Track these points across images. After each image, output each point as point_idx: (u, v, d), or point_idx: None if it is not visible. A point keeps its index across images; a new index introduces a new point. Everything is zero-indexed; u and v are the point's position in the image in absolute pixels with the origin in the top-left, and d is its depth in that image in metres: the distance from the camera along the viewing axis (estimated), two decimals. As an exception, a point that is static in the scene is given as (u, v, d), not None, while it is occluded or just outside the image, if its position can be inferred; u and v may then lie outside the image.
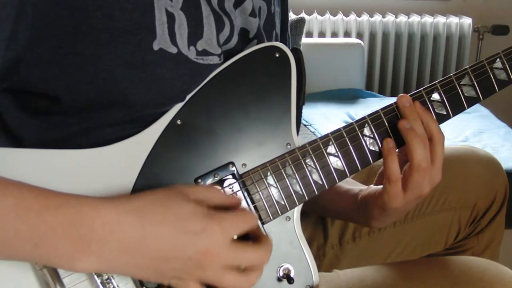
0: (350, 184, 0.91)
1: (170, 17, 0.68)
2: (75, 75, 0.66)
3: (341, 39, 2.92)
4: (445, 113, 0.83)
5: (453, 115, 0.83)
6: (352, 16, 2.98)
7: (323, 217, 1.06)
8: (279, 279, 0.75)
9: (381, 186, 0.80)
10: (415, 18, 3.00)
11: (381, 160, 0.80)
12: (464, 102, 0.83)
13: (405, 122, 0.78)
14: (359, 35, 2.98)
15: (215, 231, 0.62)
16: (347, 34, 2.97)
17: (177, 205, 0.63)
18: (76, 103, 0.68)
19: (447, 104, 0.82)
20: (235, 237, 0.65)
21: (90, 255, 0.59)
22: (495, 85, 0.85)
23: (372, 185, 0.86)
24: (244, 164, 0.74)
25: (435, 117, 0.81)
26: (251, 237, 0.70)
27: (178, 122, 0.71)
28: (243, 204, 0.73)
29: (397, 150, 0.79)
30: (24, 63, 0.65)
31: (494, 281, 0.75)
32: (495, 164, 1.08)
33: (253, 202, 0.74)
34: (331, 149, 0.78)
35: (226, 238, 0.63)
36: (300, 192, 0.76)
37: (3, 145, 0.72)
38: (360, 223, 0.86)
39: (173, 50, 0.68)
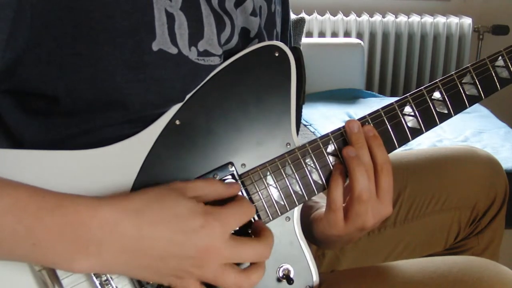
0: (320, 200, 0.87)
1: (170, 18, 0.68)
2: (74, 76, 0.66)
3: (341, 39, 2.92)
4: (446, 111, 0.82)
5: (454, 114, 0.83)
6: (352, 16, 2.98)
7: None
8: (279, 280, 0.74)
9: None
10: (415, 18, 3.00)
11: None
12: (466, 101, 0.83)
13: (350, 150, 0.75)
14: (359, 35, 2.98)
15: (214, 227, 0.62)
16: (347, 34, 2.98)
17: (174, 203, 0.63)
18: (75, 103, 0.67)
19: (448, 102, 0.82)
20: (237, 228, 0.64)
21: (88, 256, 0.59)
22: (497, 83, 0.84)
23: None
24: (243, 164, 0.74)
25: (436, 118, 0.79)
26: (252, 232, 0.69)
27: (177, 122, 0.71)
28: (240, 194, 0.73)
29: None
30: (23, 64, 0.65)
31: (494, 281, 0.75)
32: (495, 164, 1.08)
33: (252, 202, 0.73)
34: (331, 148, 0.77)
35: (225, 233, 0.63)
36: (300, 192, 0.76)
37: (3, 145, 0.72)
38: (312, 242, 0.84)
39: (174, 50, 0.68)
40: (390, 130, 0.80)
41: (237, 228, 0.68)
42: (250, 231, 0.71)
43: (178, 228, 0.61)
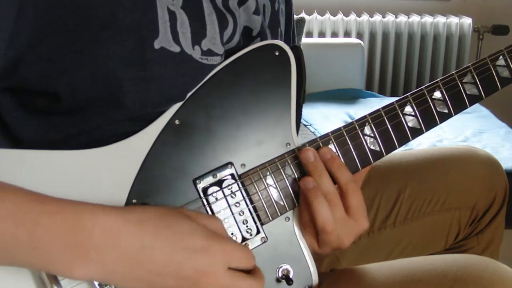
0: None
1: (172, 16, 0.68)
2: (76, 74, 0.65)
3: (341, 39, 2.92)
4: (446, 111, 0.82)
5: (455, 114, 0.83)
6: (352, 16, 2.97)
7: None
8: (278, 280, 0.74)
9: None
10: (415, 18, 3.00)
11: (382, 159, 0.80)
12: (466, 100, 0.83)
13: (306, 181, 0.73)
14: (359, 35, 2.98)
15: (215, 252, 0.62)
16: (347, 34, 2.97)
17: (179, 222, 0.62)
18: (76, 101, 0.67)
19: (448, 102, 0.82)
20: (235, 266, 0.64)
21: (88, 263, 0.58)
22: (498, 83, 0.84)
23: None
24: (243, 164, 0.74)
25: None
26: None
27: (177, 122, 0.71)
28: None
29: None
30: (25, 62, 0.65)
31: (494, 279, 0.75)
32: (495, 164, 1.08)
33: (252, 203, 0.73)
34: (331, 148, 0.77)
35: (226, 262, 0.62)
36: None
37: (2, 145, 0.71)
38: None
39: (176, 49, 0.68)
40: (391, 130, 0.80)
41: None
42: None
43: (178, 245, 0.61)
